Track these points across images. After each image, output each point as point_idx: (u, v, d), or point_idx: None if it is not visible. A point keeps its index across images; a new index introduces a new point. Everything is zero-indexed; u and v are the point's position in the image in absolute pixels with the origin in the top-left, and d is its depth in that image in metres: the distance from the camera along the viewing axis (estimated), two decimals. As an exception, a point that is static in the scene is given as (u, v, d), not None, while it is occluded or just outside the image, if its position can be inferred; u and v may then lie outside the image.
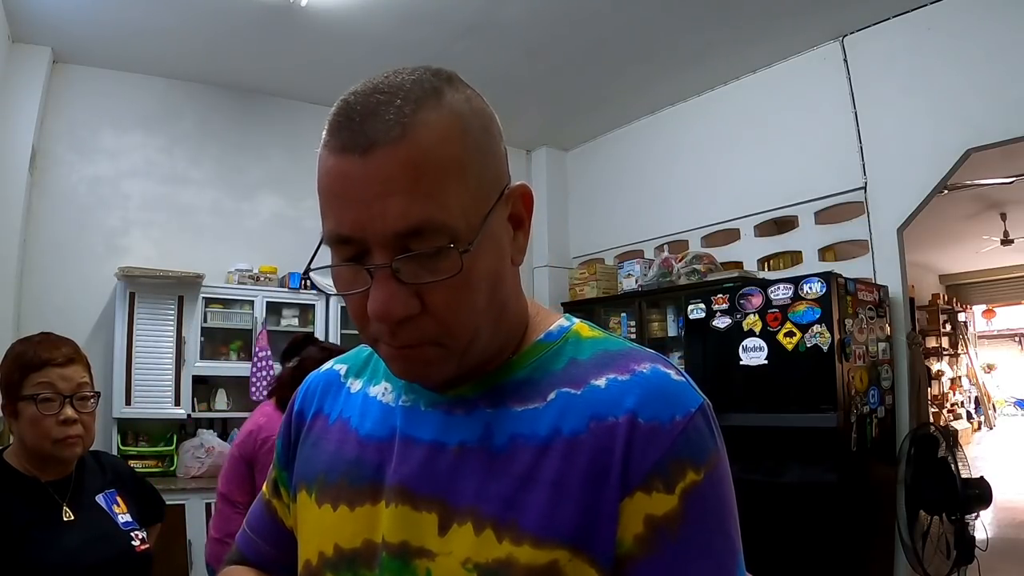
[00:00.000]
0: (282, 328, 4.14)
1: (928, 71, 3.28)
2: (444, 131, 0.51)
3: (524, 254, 0.58)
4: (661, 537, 0.50)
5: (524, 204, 0.57)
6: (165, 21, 3.47)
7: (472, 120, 0.54)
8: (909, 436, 3.09)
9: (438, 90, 0.53)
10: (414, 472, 0.57)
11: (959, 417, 9.53)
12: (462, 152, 0.51)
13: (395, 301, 0.50)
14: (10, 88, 3.48)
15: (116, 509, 1.37)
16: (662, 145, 4.62)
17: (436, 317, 0.51)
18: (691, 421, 0.52)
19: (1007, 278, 9.36)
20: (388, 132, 0.49)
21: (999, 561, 3.60)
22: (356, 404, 0.66)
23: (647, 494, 0.50)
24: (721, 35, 3.66)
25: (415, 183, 0.49)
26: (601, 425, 0.52)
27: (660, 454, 0.51)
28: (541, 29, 3.60)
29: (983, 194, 5.72)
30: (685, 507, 0.50)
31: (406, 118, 0.50)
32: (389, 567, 0.55)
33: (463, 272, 0.50)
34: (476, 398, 0.58)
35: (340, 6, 3.35)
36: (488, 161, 0.54)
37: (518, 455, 0.54)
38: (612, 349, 0.58)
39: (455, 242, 0.50)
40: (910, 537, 2.95)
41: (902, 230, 3.42)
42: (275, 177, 4.47)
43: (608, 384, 0.54)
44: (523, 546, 0.50)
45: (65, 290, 3.73)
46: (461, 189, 0.51)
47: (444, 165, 0.50)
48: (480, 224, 0.52)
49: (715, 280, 3.70)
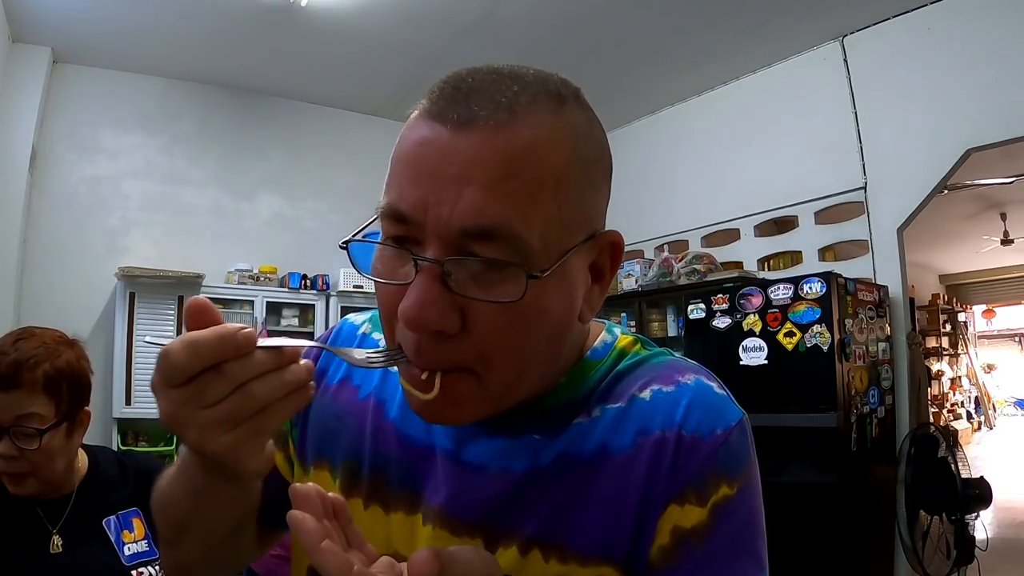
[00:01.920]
0: (282, 328, 4.14)
1: (928, 71, 3.28)
2: (554, 137, 0.45)
3: (595, 311, 0.52)
4: (684, 549, 0.48)
5: (612, 256, 0.52)
6: (165, 21, 3.47)
7: (587, 142, 0.48)
8: (909, 436, 3.09)
9: (562, 96, 0.48)
10: (456, 496, 0.53)
11: (959, 417, 9.53)
12: (566, 168, 0.45)
13: (433, 308, 0.43)
14: (10, 88, 3.48)
15: (127, 537, 1.13)
16: (662, 145, 4.62)
17: (477, 343, 0.45)
18: (730, 435, 0.50)
19: (1007, 278, 9.35)
20: (494, 112, 0.43)
21: (999, 561, 3.60)
22: (392, 388, 0.59)
23: (680, 506, 0.49)
24: (721, 35, 3.66)
25: (503, 179, 0.43)
26: (648, 439, 0.50)
27: (698, 467, 0.49)
28: (541, 29, 3.60)
29: (983, 194, 5.72)
30: (714, 521, 0.48)
31: (519, 106, 0.44)
32: None
33: (523, 303, 0.43)
34: (521, 423, 0.53)
35: (340, 6, 3.35)
36: (588, 193, 0.48)
37: (564, 474, 0.51)
38: (655, 363, 0.56)
39: (525, 263, 0.43)
40: (910, 537, 2.95)
41: (902, 230, 3.42)
42: (275, 177, 4.47)
43: (653, 396, 0.52)
44: (570, 565, 0.49)
45: (65, 290, 3.73)
46: (551, 208, 0.44)
47: (542, 173, 0.44)
48: (558, 256, 0.45)
49: (715, 280, 3.69)
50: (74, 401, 1.09)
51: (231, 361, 0.40)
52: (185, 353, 0.40)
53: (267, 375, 0.41)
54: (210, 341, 0.40)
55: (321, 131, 4.64)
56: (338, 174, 4.62)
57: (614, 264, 0.52)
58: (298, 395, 0.43)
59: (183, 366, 0.40)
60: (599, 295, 0.51)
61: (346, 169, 4.62)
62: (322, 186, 4.59)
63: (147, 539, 1.15)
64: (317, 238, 4.52)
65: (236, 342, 0.40)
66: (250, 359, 0.41)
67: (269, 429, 0.43)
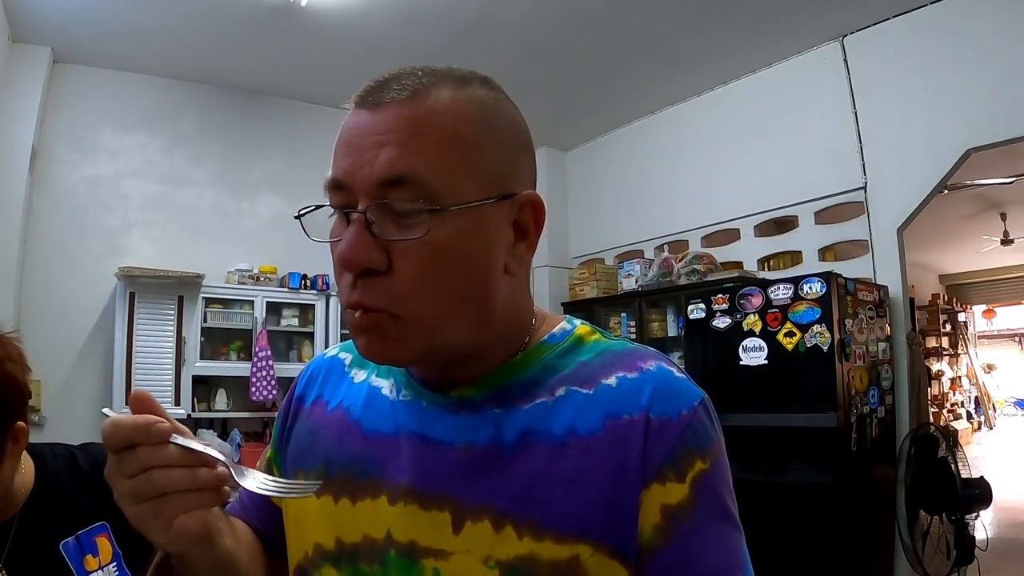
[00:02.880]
0: (282, 328, 4.15)
1: (928, 71, 3.28)
2: (456, 106, 0.52)
3: (523, 266, 0.57)
4: (677, 525, 0.52)
5: (533, 214, 0.57)
6: (165, 21, 3.47)
7: (494, 113, 0.55)
8: (909, 436, 3.09)
9: (467, 80, 0.55)
10: (422, 471, 0.57)
11: (959, 417, 9.53)
12: (469, 131, 0.52)
13: (359, 248, 0.51)
14: (10, 88, 3.48)
15: (90, 564, 0.95)
16: (662, 145, 4.62)
17: (399, 281, 0.51)
18: (695, 415, 0.55)
19: (1007, 278, 9.35)
20: (400, 92, 0.52)
21: (999, 561, 3.60)
22: (358, 395, 0.65)
23: (662, 484, 0.52)
24: (721, 35, 3.66)
25: (411, 137, 0.50)
26: (617, 423, 0.54)
27: (671, 447, 0.53)
28: (541, 29, 3.60)
29: (983, 194, 5.72)
30: (695, 494, 0.53)
31: (421, 85, 0.52)
32: (397, 565, 0.55)
33: (431, 240, 0.50)
34: (482, 399, 0.58)
35: (340, 6, 3.35)
36: (497, 154, 0.54)
37: (532, 453, 0.54)
38: (616, 349, 0.60)
39: (431, 204, 0.50)
40: (910, 537, 2.95)
41: (902, 230, 3.42)
42: (275, 177, 4.47)
43: (619, 383, 0.56)
44: (545, 542, 0.51)
45: (65, 290, 3.73)
46: (456, 162, 0.51)
47: (445, 132, 0.51)
48: (464, 201, 0.51)
49: (715, 280, 3.70)
50: (5, 415, 0.87)
51: (143, 446, 0.48)
52: (110, 430, 0.48)
53: (172, 468, 0.49)
54: (127, 426, 0.48)
55: (321, 131, 4.63)
56: (338, 174, 4.61)
57: (537, 223, 0.57)
58: (204, 495, 0.50)
59: (108, 441, 0.48)
60: (525, 251, 0.57)
61: (346, 169, 4.62)
62: (322, 186, 4.58)
63: (116, 562, 0.96)
64: (317, 238, 4.52)
65: (148, 432, 0.48)
66: (160, 449, 0.48)
67: (169, 514, 0.49)
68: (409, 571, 0.55)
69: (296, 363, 4.16)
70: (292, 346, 4.22)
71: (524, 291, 0.61)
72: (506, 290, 0.56)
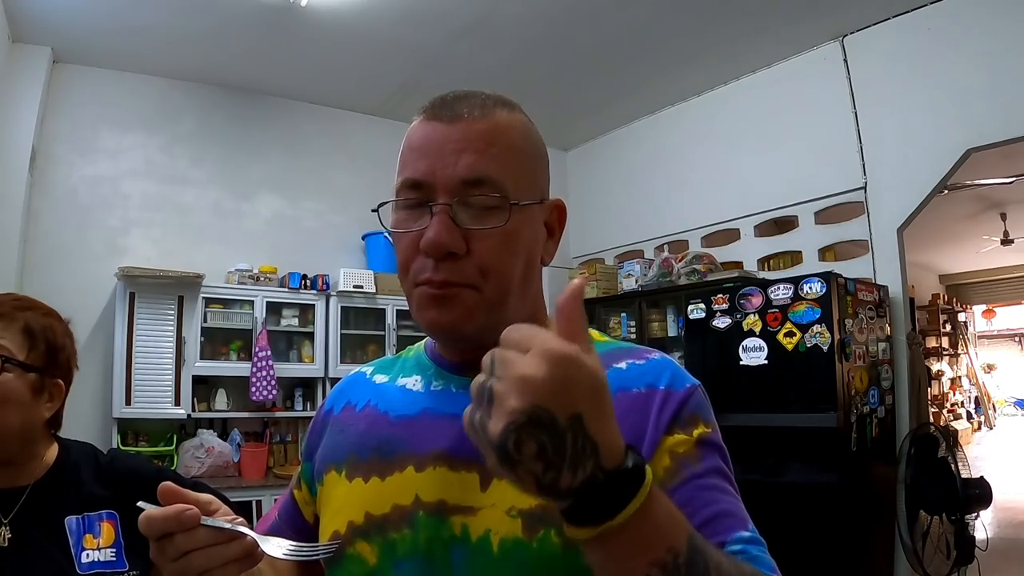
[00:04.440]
0: (282, 328, 4.14)
1: (928, 71, 3.28)
2: (515, 124, 0.65)
3: (552, 258, 0.69)
4: (683, 468, 0.59)
5: (558, 216, 0.69)
6: (165, 21, 3.47)
7: (530, 133, 0.67)
8: (909, 436, 3.09)
9: (511, 104, 0.67)
10: (450, 439, 0.62)
11: (959, 417, 9.53)
12: (525, 145, 0.65)
13: (447, 234, 0.59)
14: (10, 88, 3.48)
15: (88, 543, 0.99)
16: (662, 145, 4.62)
17: (478, 261, 0.60)
18: (696, 390, 0.64)
19: (1007, 278, 9.35)
20: (472, 111, 0.63)
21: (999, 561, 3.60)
22: (384, 393, 0.72)
23: (671, 436, 0.60)
24: (721, 35, 3.66)
25: (487, 147, 0.61)
26: (628, 395, 0.62)
27: (677, 407, 0.61)
28: (541, 29, 3.60)
29: (983, 194, 5.72)
30: (699, 449, 0.60)
31: (488, 107, 0.64)
32: (426, 525, 0.60)
33: (507, 228, 0.60)
34: None
35: (340, 6, 3.35)
36: (539, 168, 0.67)
37: None
38: (624, 347, 0.70)
39: (507, 200, 0.61)
40: (910, 537, 2.95)
41: (902, 230, 3.42)
42: (275, 177, 4.47)
43: (628, 367, 0.65)
44: None
45: (65, 290, 3.72)
46: (519, 168, 0.63)
47: (511, 145, 0.63)
48: (533, 200, 0.64)
49: (715, 280, 3.69)
50: (49, 362, 1.02)
51: (179, 534, 0.54)
52: (146, 524, 0.54)
53: (208, 548, 0.55)
54: (160, 519, 0.54)
55: (321, 131, 4.64)
56: (338, 174, 4.62)
57: (561, 224, 0.70)
58: (239, 563, 0.57)
59: (146, 532, 0.54)
60: (552, 247, 0.69)
61: (346, 169, 4.62)
62: (322, 186, 4.59)
63: (116, 548, 1.00)
64: (317, 238, 4.52)
65: (179, 521, 0.54)
66: (194, 534, 0.55)
67: None
68: (439, 529, 0.60)
69: (296, 363, 4.17)
70: (292, 346, 4.22)
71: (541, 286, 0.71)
72: (538, 280, 0.68)
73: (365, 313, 4.38)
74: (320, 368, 4.17)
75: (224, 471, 3.75)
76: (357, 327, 4.35)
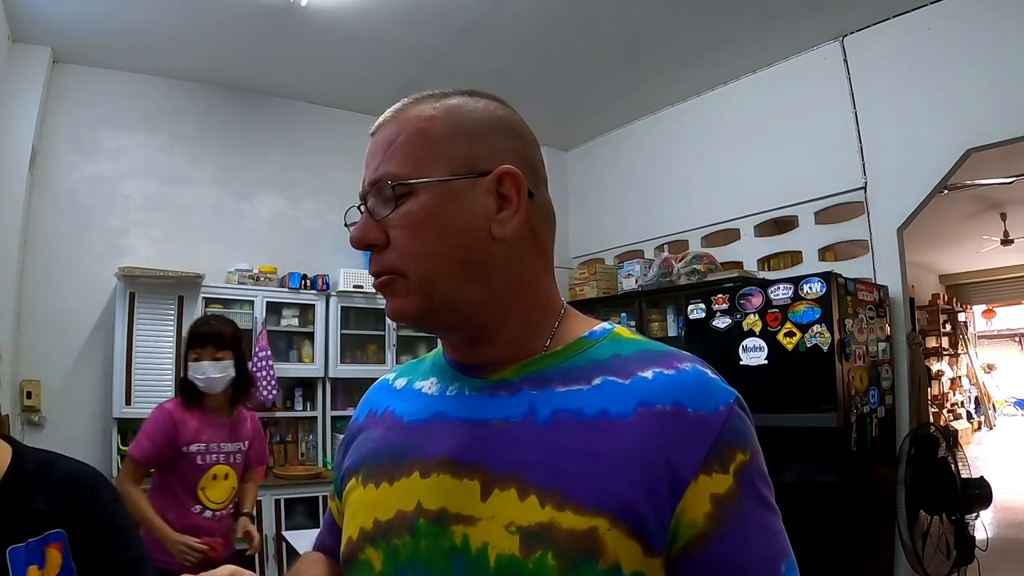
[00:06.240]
0: (282, 328, 4.15)
1: (928, 71, 3.28)
2: (425, 114, 0.64)
3: (509, 230, 0.63)
4: (726, 511, 0.56)
5: (514, 184, 0.63)
6: (165, 21, 3.47)
7: (460, 111, 0.65)
8: (909, 436, 3.09)
9: (446, 94, 0.66)
10: (458, 444, 0.61)
11: (959, 417, 9.53)
12: (436, 127, 0.63)
13: (363, 229, 0.63)
14: (10, 88, 3.48)
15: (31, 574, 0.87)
16: (662, 145, 4.62)
17: (395, 247, 0.62)
18: (732, 410, 0.59)
19: (1007, 278, 9.35)
20: (387, 117, 0.66)
21: (999, 561, 3.60)
22: (402, 397, 0.73)
23: (708, 476, 0.56)
24: (721, 35, 3.66)
25: (389, 146, 0.64)
26: (649, 411, 0.57)
27: (713, 440, 0.57)
28: (541, 29, 3.60)
29: (983, 194, 5.72)
30: (739, 483, 0.57)
31: (402, 107, 0.66)
32: (427, 533, 0.59)
33: (408, 211, 0.61)
34: (520, 381, 0.63)
35: (340, 6, 3.35)
36: (462, 143, 0.63)
37: (563, 430, 0.58)
38: (654, 349, 0.64)
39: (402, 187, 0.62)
40: (910, 537, 2.95)
41: (902, 230, 3.41)
42: (275, 177, 4.47)
43: (655, 376, 0.60)
44: (565, 512, 0.54)
45: (65, 290, 3.73)
46: (421, 152, 0.62)
47: (413, 134, 0.63)
48: (433, 178, 0.61)
49: (715, 280, 3.69)
50: None
51: None
52: None
53: None
54: None
55: (321, 131, 4.64)
56: (338, 174, 4.62)
57: (519, 191, 0.64)
58: None
59: None
60: (510, 217, 0.63)
61: (346, 169, 4.62)
62: (322, 186, 4.59)
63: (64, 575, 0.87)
64: (317, 238, 4.52)
65: None
66: None
67: None
68: (438, 538, 0.59)
69: (296, 363, 4.16)
70: (292, 346, 4.22)
71: (538, 271, 0.67)
72: (502, 256, 0.63)
73: (365, 313, 4.38)
74: (320, 368, 4.17)
75: (224, 471, 3.74)
76: (357, 327, 4.36)
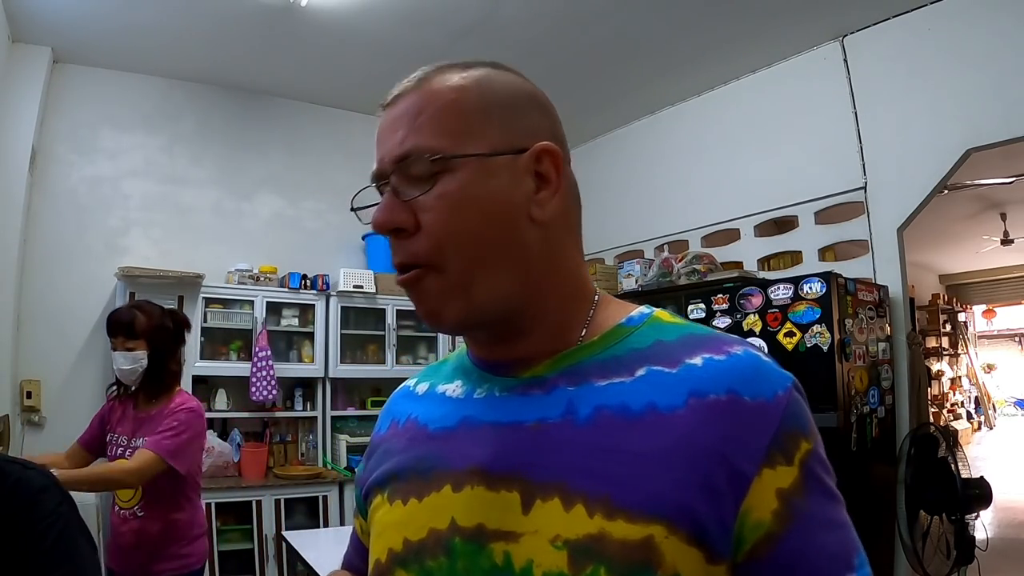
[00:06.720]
0: (282, 328, 4.15)
1: (928, 71, 3.28)
2: (455, 84, 0.58)
3: (548, 212, 0.58)
4: (794, 508, 0.51)
5: (552, 162, 0.59)
6: (165, 21, 3.47)
7: (491, 83, 0.59)
8: (909, 436, 3.09)
9: (469, 64, 0.60)
10: (489, 452, 0.56)
11: (959, 417, 9.54)
12: (467, 99, 0.57)
13: (389, 210, 0.56)
14: (10, 88, 3.48)
15: None
16: (662, 145, 4.62)
17: (428, 232, 0.55)
18: (791, 395, 0.53)
19: (1007, 278, 9.36)
20: (406, 86, 0.60)
21: (999, 561, 3.60)
22: (425, 403, 0.67)
23: (772, 469, 0.51)
24: (721, 35, 3.66)
25: (416, 116, 0.57)
26: (702, 401, 0.52)
27: (775, 430, 0.51)
28: (541, 30, 3.60)
29: (983, 194, 5.72)
30: (804, 475, 0.52)
31: (424, 76, 0.59)
32: (463, 552, 0.54)
33: (444, 191, 0.54)
34: (554, 377, 0.57)
35: (340, 6, 3.35)
36: (495, 117, 0.58)
37: (606, 428, 0.53)
38: (699, 333, 0.58)
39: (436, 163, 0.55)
40: (910, 537, 2.94)
41: (902, 230, 3.41)
42: (275, 177, 4.47)
43: (705, 363, 0.54)
44: (616, 521, 0.49)
45: (65, 290, 3.73)
46: (457, 125, 0.56)
47: (445, 104, 0.57)
48: (472, 155, 0.55)
49: (715, 280, 3.69)
50: None
51: None
52: None
53: None
54: None
55: (321, 131, 4.64)
56: (338, 174, 4.62)
57: (558, 170, 0.59)
58: None
59: None
60: (549, 197, 0.58)
61: (346, 169, 4.62)
62: (322, 186, 4.59)
63: None
64: (317, 238, 4.52)
65: None
66: None
67: None
68: (476, 558, 0.53)
69: (296, 363, 4.16)
70: (292, 346, 4.22)
71: (572, 255, 0.61)
72: (540, 241, 0.57)
73: (365, 313, 4.38)
74: (320, 368, 4.17)
75: (224, 471, 3.75)
76: (357, 327, 4.35)
